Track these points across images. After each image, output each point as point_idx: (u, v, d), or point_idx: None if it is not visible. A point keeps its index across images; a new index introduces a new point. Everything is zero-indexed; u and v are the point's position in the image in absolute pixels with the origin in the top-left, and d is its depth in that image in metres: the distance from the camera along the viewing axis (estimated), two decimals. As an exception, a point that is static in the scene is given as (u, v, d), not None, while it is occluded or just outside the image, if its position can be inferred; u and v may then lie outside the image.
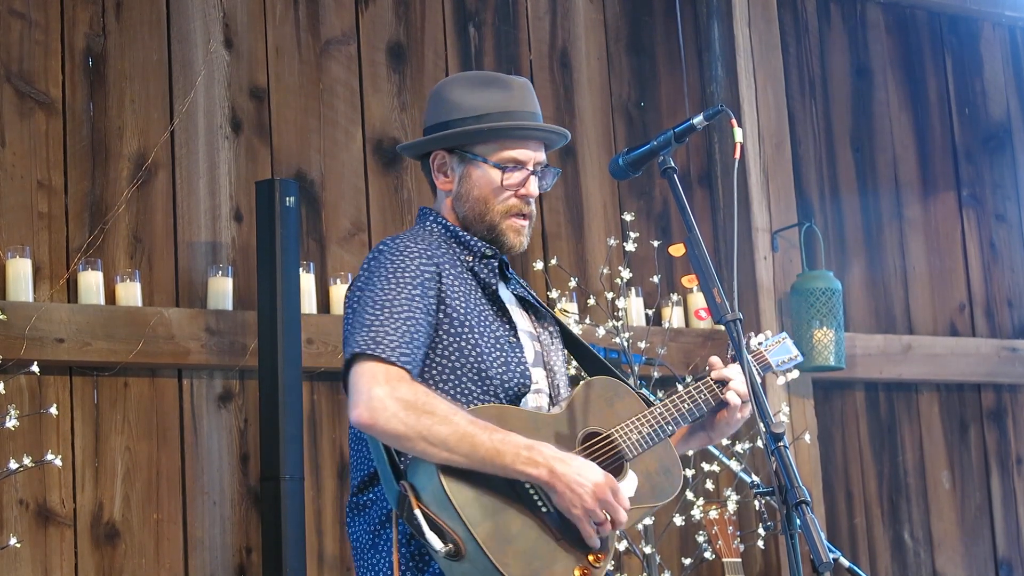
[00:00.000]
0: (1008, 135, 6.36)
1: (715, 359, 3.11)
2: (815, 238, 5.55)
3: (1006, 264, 6.25)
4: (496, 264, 2.98)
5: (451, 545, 2.64)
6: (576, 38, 5.35)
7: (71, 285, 4.25)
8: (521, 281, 3.13)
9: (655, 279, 4.96)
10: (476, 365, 2.83)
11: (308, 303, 4.51)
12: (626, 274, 4.80)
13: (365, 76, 4.88)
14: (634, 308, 5.09)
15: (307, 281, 4.53)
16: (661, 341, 4.89)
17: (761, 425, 2.57)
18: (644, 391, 3.09)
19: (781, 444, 2.55)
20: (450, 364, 2.83)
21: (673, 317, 5.18)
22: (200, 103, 4.56)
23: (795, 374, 3.32)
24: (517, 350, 2.91)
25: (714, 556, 4.65)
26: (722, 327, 2.86)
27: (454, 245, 2.97)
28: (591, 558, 2.73)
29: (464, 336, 2.84)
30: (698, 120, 2.84)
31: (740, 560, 4.56)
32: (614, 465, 2.86)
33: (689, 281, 5.09)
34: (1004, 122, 6.37)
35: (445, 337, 2.83)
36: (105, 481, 4.23)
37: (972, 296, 6.12)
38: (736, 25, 5.51)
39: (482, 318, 2.89)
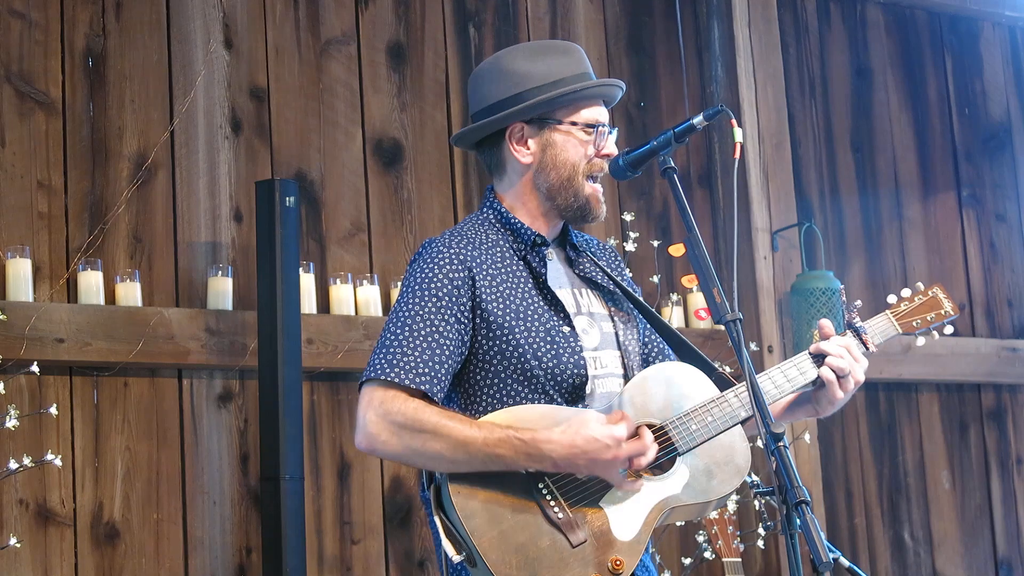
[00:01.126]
0: (1008, 135, 6.36)
1: (825, 322, 3.01)
2: (815, 238, 5.56)
3: (1006, 264, 6.25)
4: (545, 251, 2.94)
5: (465, 554, 2.65)
6: (576, 38, 5.34)
7: (71, 285, 4.25)
8: (598, 259, 3.05)
9: (655, 279, 4.97)
10: (519, 366, 2.81)
11: (308, 303, 4.51)
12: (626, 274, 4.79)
13: (365, 76, 4.88)
14: (634, 308, 5.09)
15: (307, 281, 4.53)
16: (661, 341, 4.89)
17: (761, 425, 2.57)
18: (727, 371, 2.98)
19: (781, 444, 2.54)
20: (492, 368, 2.81)
21: (673, 317, 5.18)
22: (200, 103, 4.56)
23: (949, 330, 3.12)
24: (571, 339, 2.85)
25: (714, 556, 4.65)
26: (722, 327, 2.85)
27: (507, 233, 2.94)
28: (611, 564, 2.69)
29: (503, 338, 2.81)
30: (698, 120, 2.84)
31: (740, 560, 4.56)
32: (664, 459, 2.79)
33: (689, 281, 5.12)
34: (1004, 122, 6.37)
35: (484, 342, 2.81)
36: (105, 481, 4.23)
37: (972, 296, 6.12)
38: (736, 25, 5.51)
39: (529, 312, 2.85)
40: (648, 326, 3.10)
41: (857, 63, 6.04)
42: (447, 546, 2.65)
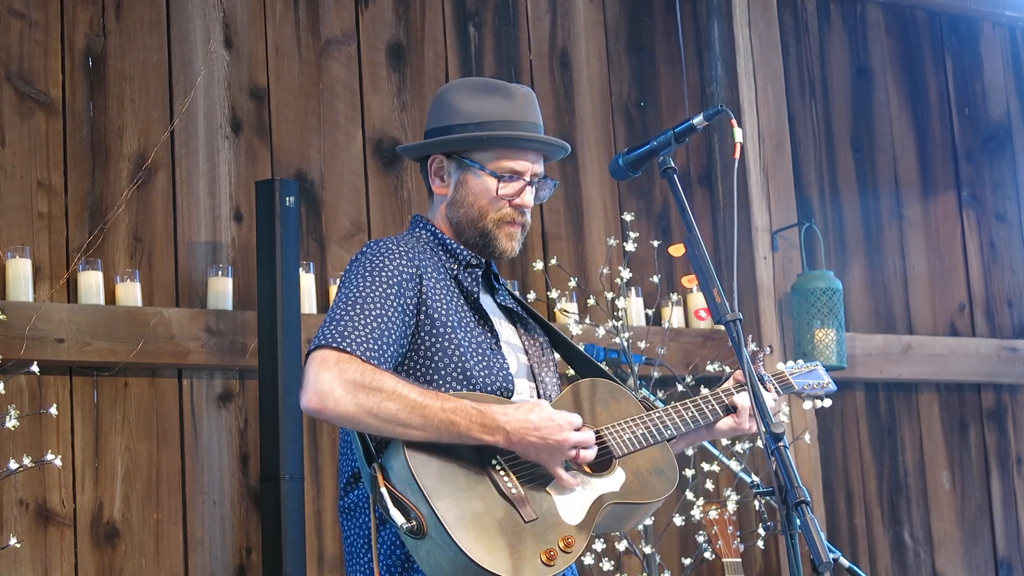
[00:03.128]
0: (1008, 135, 6.36)
1: (739, 372, 3.11)
2: (815, 238, 5.55)
3: (1006, 264, 6.25)
4: (480, 273, 2.98)
5: (414, 522, 2.64)
6: (576, 38, 5.35)
7: (71, 285, 4.25)
8: (512, 291, 3.12)
9: (655, 279, 4.97)
10: (460, 364, 2.84)
11: (308, 303, 4.51)
12: (626, 274, 4.80)
13: (365, 76, 4.88)
14: (634, 308, 5.09)
15: (307, 281, 4.53)
16: (661, 341, 4.89)
17: (761, 425, 2.57)
18: (645, 393, 3.07)
19: (781, 444, 2.55)
20: (433, 365, 2.83)
21: (673, 317, 5.18)
22: (200, 103, 4.56)
23: (827, 403, 3.30)
24: (499, 356, 2.91)
25: (714, 556, 4.65)
26: (722, 327, 2.86)
27: (440, 252, 2.98)
28: (561, 543, 2.72)
29: (447, 336, 2.84)
30: (698, 120, 2.84)
31: (740, 560, 4.56)
32: (601, 460, 2.85)
33: (689, 281, 5.09)
34: (1004, 122, 6.37)
35: (427, 339, 2.84)
36: (105, 481, 4.23)
37: (972, 296, 6.12)
38: (736, 25, 5.51)
39: (463, 324, 2.89)
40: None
41: (857, 63, 6.04)
42: (395, 513, 2.64)
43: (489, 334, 2.93)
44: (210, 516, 4.37)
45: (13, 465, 3.80)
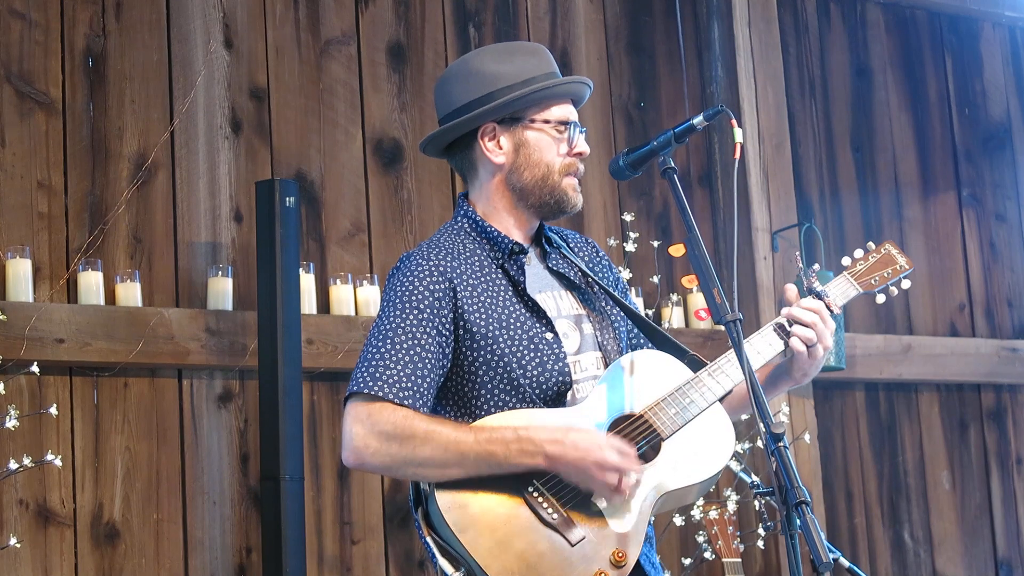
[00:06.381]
0: (1008, 135, 6.36)
1: (790, 286, 2.97)
2: (815, 238, 5.56)
3: (1006, 264, 6.25)
4: (523, 259, 2.91)
5: (464, 569, 2.63)
6: (576, 38, 5.35)
7: (71, 285, 4.25)
8: (572, 255, 3.01)
9: (655, 279, 4.97)
10: (506, 375, 2.78)
11: (308, 303, 4.51)
12: (626, 274, 4.80)
13: (365, 76, 4.88)
14: (634, 308, 5.09)
15: (307, 281, 4.53)
16: (661, 341, 4.88)
17: (761, 425, 2.57)
18: (696, 355, 2.90)
19: (781, 444, 2.54)
20: (479, 379, 2.79)
21: (673, 317, 5.18)
22: (200, 103, 4.56)
23: (907, 284, 3.04)
24: (554, 346, 2.83)
25: (714, 556, 4.65)
26: (722, 327, 2.85)
27: (483, 242, 2.91)
28: (613, 557, 2.67)
29: (489, 348, 2.79)
30: (698, 120, 2.84)
31: (740, 560, 4.56)
32: (650, 445, 2.76)
33: (689, 281, 5.13)
34: (1004, 122, 6.37)
35: (469, 353, 2.79)
36: (105, 481, 4.23)
37: (972, 296, 6.12)
38: (736, 25, 5.51)
39: (511, 321, 2.82)
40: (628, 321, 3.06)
41: (857, 63, 6.04)
42: (444, 564, 2.63)
43: (542, 323, 2.85)
44: (210, 516, 4.37)
45: (13, 465, 3.80)
